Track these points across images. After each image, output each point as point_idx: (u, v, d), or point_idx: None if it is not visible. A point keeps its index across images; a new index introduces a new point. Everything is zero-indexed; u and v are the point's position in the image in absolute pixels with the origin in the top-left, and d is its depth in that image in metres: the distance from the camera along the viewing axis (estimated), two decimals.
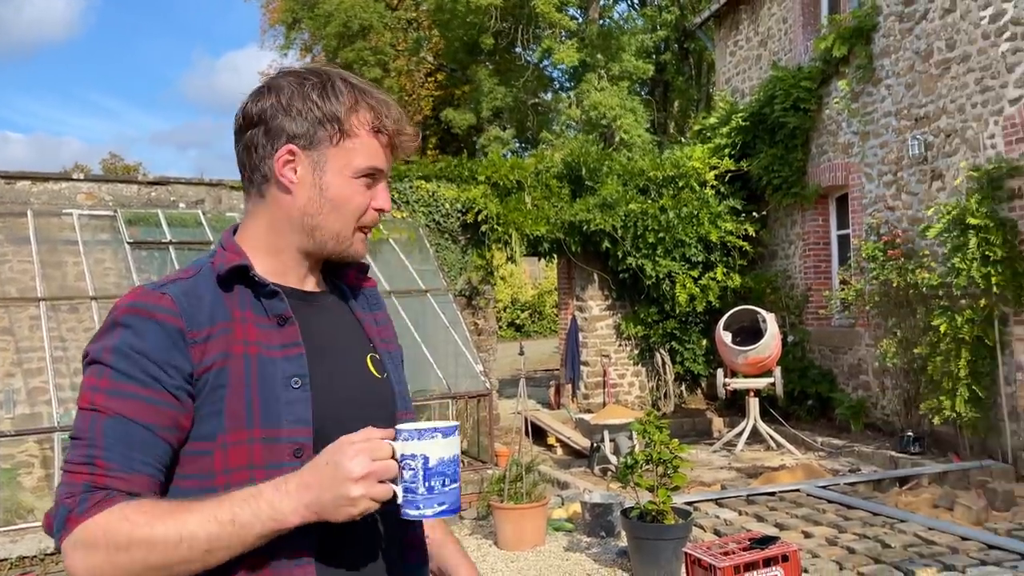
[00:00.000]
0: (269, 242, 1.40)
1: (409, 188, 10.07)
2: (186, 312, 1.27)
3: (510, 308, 25.45)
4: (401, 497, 1.23)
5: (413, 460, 1.22)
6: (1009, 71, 7.64)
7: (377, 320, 1.54)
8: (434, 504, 1.23)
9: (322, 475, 1.19)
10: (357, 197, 1.38)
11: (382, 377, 1.47)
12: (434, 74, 25.52)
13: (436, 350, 8.26)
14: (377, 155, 1.39)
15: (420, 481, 1.22)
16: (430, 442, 1.23)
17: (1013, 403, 7.65)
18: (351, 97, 1.37)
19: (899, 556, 5.30)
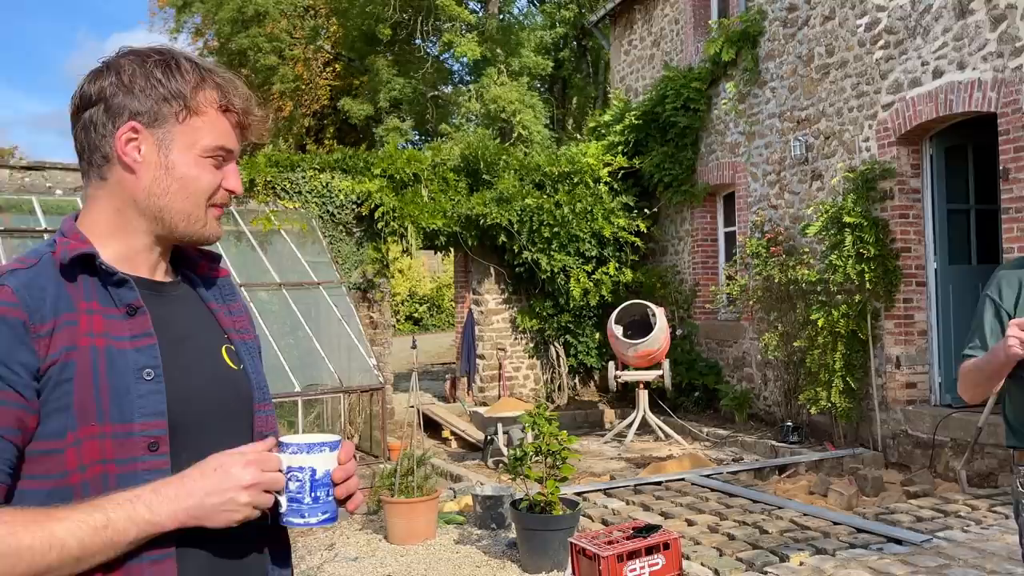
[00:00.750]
0: (115, 228, 1.35)
1: (302, 178, 9.88)
2: (27, 304, 1.21)
3: (408, 301, 25.29)
4: (285, 506, 1.28)
5: (300, 472, 1.28)
6: (883, 78, 8.04)
7: (231, 310, 1.51)
8: (318, 513, 1.29)
9: (208, 481, 1.20)
10: (206, 176, 1.35)
11: (238, 368, 1.44)
12: (332, 63, 25.09)
13: (329, 344, 8.14)
14: (226, 134, 1.36)
15: (307, 492, 1.28)
16: (318, 455, 1.29)
17: (883, 394, 8.07)
18: (196, 75, 1.34)
19: (776, 541, 5.53)
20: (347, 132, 25.19)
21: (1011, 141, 6.75)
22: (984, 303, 2.70)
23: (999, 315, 2.61)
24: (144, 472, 1.23)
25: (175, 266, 1.47)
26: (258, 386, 1.47)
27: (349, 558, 5.64)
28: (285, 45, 22.32)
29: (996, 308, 2.63)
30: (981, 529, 5.62)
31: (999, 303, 2.62)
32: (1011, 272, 2.67)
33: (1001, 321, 2.60)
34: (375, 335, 9.96)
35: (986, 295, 2.69)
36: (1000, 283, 2.65)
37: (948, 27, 7.30)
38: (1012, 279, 2.63)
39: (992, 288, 2.68)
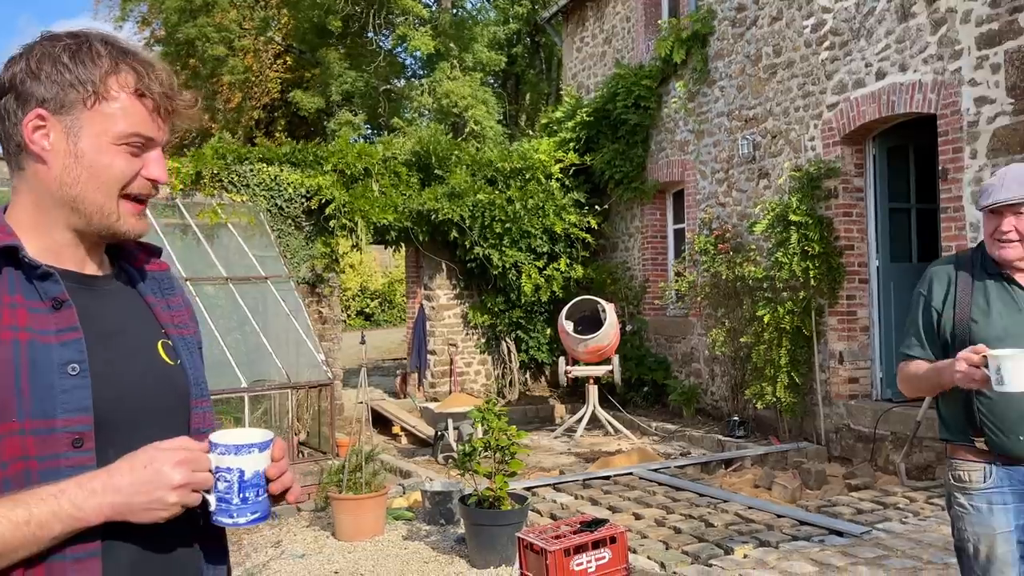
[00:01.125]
0: (36, 220, 1.32)
1: (250, 171, 9.74)
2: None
3: (359, 297, 25.12)
4: (214, 506, 1.27)
5: (229, 473, 1.26)
6: (828, 78, 8.19)
7: (171, 305, 1.48)
8: (247, 513, 1.28)
9: (138, 478, 1.18)
10: (118, 164, 1.30)
11: (174, 364, 1.41)
12: (283, 55, 24.76)
13: (276, 339, 8.05)
14: (142, 120, 1.31)
15: (235, 492, 1.27)
16: (247, 456, 1.27)
17: (826, 389, 8.23)
18: (110, 59, 1.29)
19: (721, 535, 5.61)
20: (298, 125, 24.90)
21: (950, 142, 6.92)
22: (917, 300, 2.76)
23: (929, 312, 2.69)
24: (67, 469, 1.20)
25: (114, 259, 1.44)
26: (195, 382, 1.44)
27: (296, 555, 5.58)
28: (234, 36, 21.96)
29: (927, 305, 2.70)
30: (919, 520, 5.76)
31: (929, 300, 2.70)
32: (941, 268, 2.74)
33: (931, 318, 2.68)
34: (324, 330, 9.87)
35: (919, 292, 2.76)
36: (931, 280, 2.72)
37: (891, 30, 7.46)
38: (942, 275, 2.70)
39: (924, 285, 2.75)
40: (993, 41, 6.54)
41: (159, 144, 1.35)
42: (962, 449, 2.65)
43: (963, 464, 2.64)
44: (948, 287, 2.67)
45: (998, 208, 2.56)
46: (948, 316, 2.65)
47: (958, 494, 2.66)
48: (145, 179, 1.34)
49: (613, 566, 4.42)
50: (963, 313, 2.61)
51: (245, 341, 7.93)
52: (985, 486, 2.59)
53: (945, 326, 2.66)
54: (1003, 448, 2.55)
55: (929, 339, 2.70)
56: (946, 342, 2.67)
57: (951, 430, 2.69)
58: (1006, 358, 2.29)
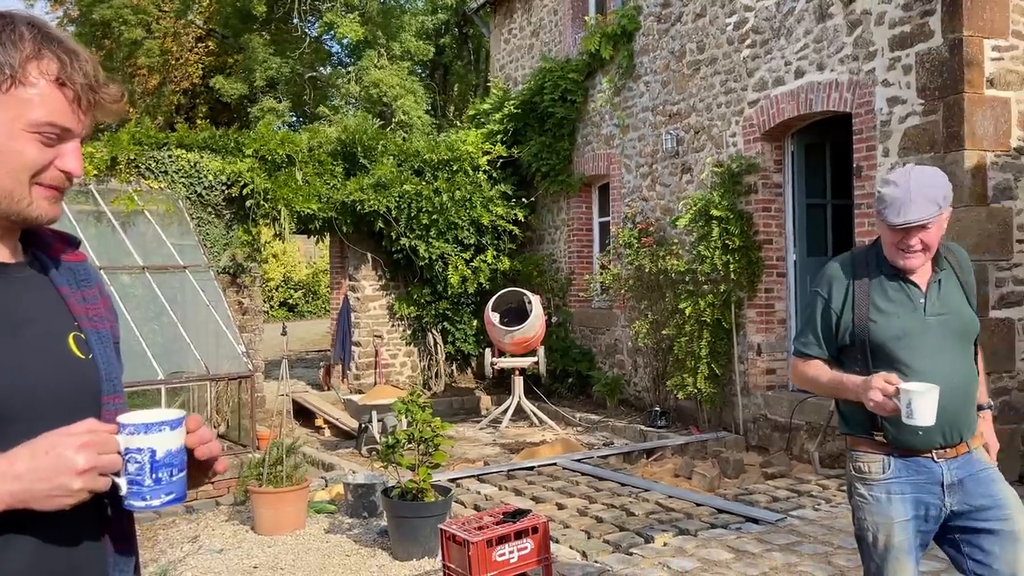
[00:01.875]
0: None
1: (168, 157, 9.47)
2: None
3: (283, 287, 24.69)
4: (125, 489, 1.22)
5: (139, 453, 1.22)
6: (749, 75, 8.36)
7: (86, 297, 1.43)
8: (161, 495, 1.24)
9: (39, 464, 1.13)
10: (30, 152, 1.25)
11: (85, 357, 1.36)
12: (204, 40, 24.12)
13: (195, 330, 7.84)
14: (60, 110, 1.26)
15: (147, 474, 1.22)
16: (157, 435, 1.23)
17: (745, 380, 8.43)
18: (33, 44, 1.24)
19: (641, 523, 5.70)
20: (220, 111, 24.31)
21: (864, 140, 7.14)
22: (814, 299, 2.80)
23: (828, 314, 2.73)
24: None
25: (29, 247, 1.38)
26: (108, 377, 1.39)
27: (214, 550, 5.47)
28: (152, 18, 21.29)
29: (825, 306, 2.74)
30: (831, 507, 5.95)
31: (828, 302, 2.73)
32: (839, 268, 2.76)
33: (830, 320, 2.72)
34: (245, 321, 9.67)
35: (816, 292, 2.79)
36: (830, 281, 2.76)
37: (809, 29, 7.65)
38: (840, 277, 2.74)
39: (822, 285, 2.78)
40: (905, 43, 6.77)
41: (77, 136, 1.30)
42: (863, 442, 2.71)
43: (863, 456, 2.70)
44: (847, 289, 2.71)
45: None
46: (847, 318, 2.69)
47: (859, 484, 2.72)
48: (59, 170, 1.29)
49: (535, 556, 4.45)
50: (862, 314, 2.65)
51: (162, 332, 7.71)
52: (884, 477, 2.66)
53: (844, 327, 2.70)
54: (901, 441, 2.62)
55: (827, 339, 2.75)
56: (845, 343, 2.71)
57: (851, 424, 2.75)
58: (916, 394, 2.37)
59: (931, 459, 2.64)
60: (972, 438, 2.70)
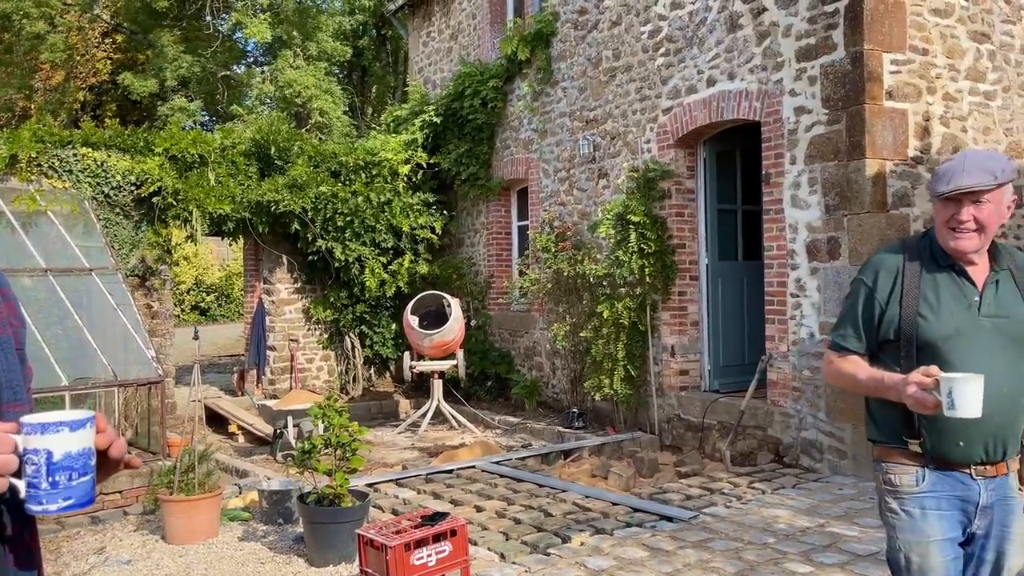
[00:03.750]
0: None
1: (73, 156, 9.13)
2: None
3: (195, 290, 24.07)
4: (24, 492, 1.18)
5: (36, 455, 1.18)
6: (663, 83, 8.54)
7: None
8: (58, 499, 1.20)
9: None
10: None
11: None
12: (112, 35, 23.32)
13: (102, 334, 7.58)
14: None
15: (43, 476, 1.19)
16: (54, 436, 1.19)
17: (659, 381, 8.60)
18: None
19: (559, 524, 5.76)
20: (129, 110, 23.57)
21: (772, 148, 7.38)
22: (858, 289, 2.52)
23: (872, 304, 2.47)
24: None
25: None
26: (8, 384, 1.36)
27: (122, 561, 5.30)
28: (56, 12, 20.48)
29: (869, 296, 2.48)
30: (741, 504, 6.12)
31: (873, 292, 2.47)
32: (889, 257, 2.50)
33: (873, 311, 2.46)
34: (155, 325, 9.40)
35: (861, 280, 2.52)
36: (877, 270, 2.49)
37: (720, 39, 7.87)
38: (890, 265, 2.47)
39: (868, 273, 2.50)
40: (811, 55, 7.02)
41: None
42: (894, 452, 2.45)
43: (894, 467, 2.45)
44: (895, 278, 2.43)
45: (956, 196, 2.32)
46: (894, 311, 2.42)
47: (889, 498, 2.46)
48: None
49: (453, 559, 4.46)
50: (910, 308, 2.39)
51: (67, 336, 7.43)
52: (918, 490, 2.40)
53: (889, 321, 2.43)
54: (938, 452, 2.37)
55: (867, 332, 2.48)
56: (888, 338, 2.45)
57: (882, 431, 2.47)
58: (958, 380, 2.13)
59: (969, 475, 2.38)
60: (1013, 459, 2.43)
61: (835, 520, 5.64)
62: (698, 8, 8.12)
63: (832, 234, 6.88)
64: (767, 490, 6.48)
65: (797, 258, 7.20)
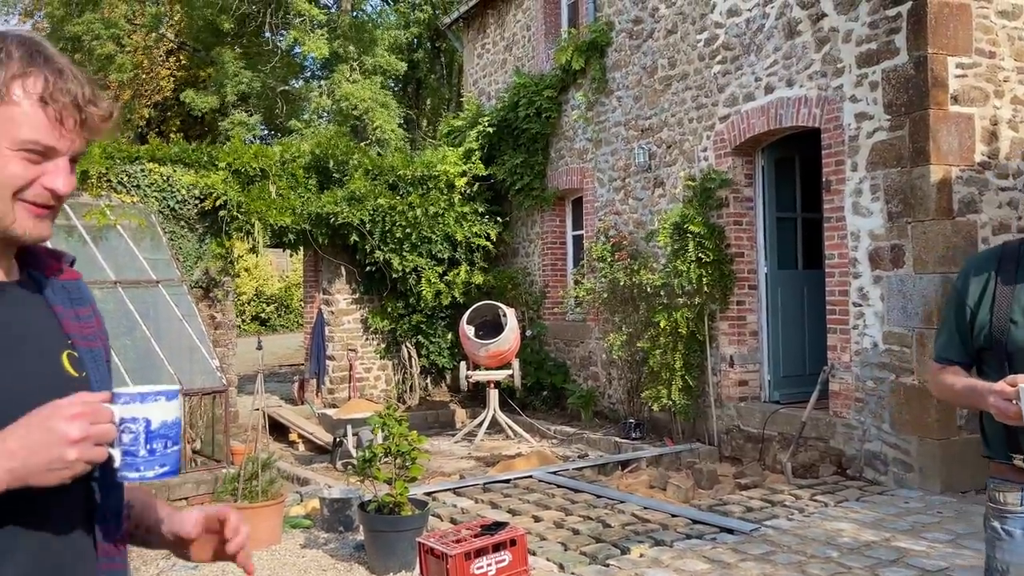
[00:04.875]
0: None
1: (141, 171, 9.42)
2: None
3: (255, 301, 24.53)
4: (119, 461, 1.23)
5: (134, 423, 1.23)
6: (720, 91, 8.48)
7: (79, 315, 1.44)
8: (155, 466, 1.24)
9: (32, 439, 1.13)
10: (11, 169, 1.26)
11: (79, 375, 1.38)
12: (176, 53, 23.99)
13: (169, 345, 7.79)
14: (42, 128, 1.26)
15: (141, 444, 1.23)
16: (153, 405, 1.24)
17: (718, 391, 8.51)
18: (22, 63, 1.25)
19: (618, 535, 5.73)
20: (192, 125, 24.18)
21: (832, 155, 7.27)
22: (951, 296, 2.43)
23: (963, 310, 2.35)
24: None
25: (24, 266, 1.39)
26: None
27: (188, 567, 5.42)
28: (124, 32, 21.13)
29: (960, 302, 2.37)
30: (804, 517, 6.02)
31: (964, 296, 2.36)
32: (981, 260, 2.39)
33: (964, 317, 2.35)
34: (218, 335, 9.62)
35: (953, 287, 2.42)
36: (968, 273, 2.38)
37: (779, 46, 7.79)
38: (981, 268, 2.35)
39: (959, 278, 2.41)
40: (872, 60, 6.91)
41: (63, 154, 1.29)
42: (1003, 468, 2.31)
43: (1000, 484, 2.32)
44: (986, 283, 2.30)
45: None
46: (983, 316, 2.29)
47: (992, 517, 2.35)
48: (44, 188, 1.29)
49: (513, 568, 4.47)
50: (1001, 313, 2.24)
51: (135, 347, 7.65)
52: (1021, 510, 2.27)
53: (980, 327, 2.29)
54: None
55: (963, 340, 2.35)
56: (983, 346, 2.31)
57: (992, 446, 2.34)
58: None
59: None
60: None
61: (901, 534, 5.51)
62: (755, 15, 8.06)
63: (895, 242, 6.75)
64: (830, 503, 6.37)
65: (859, 266, 7.07)
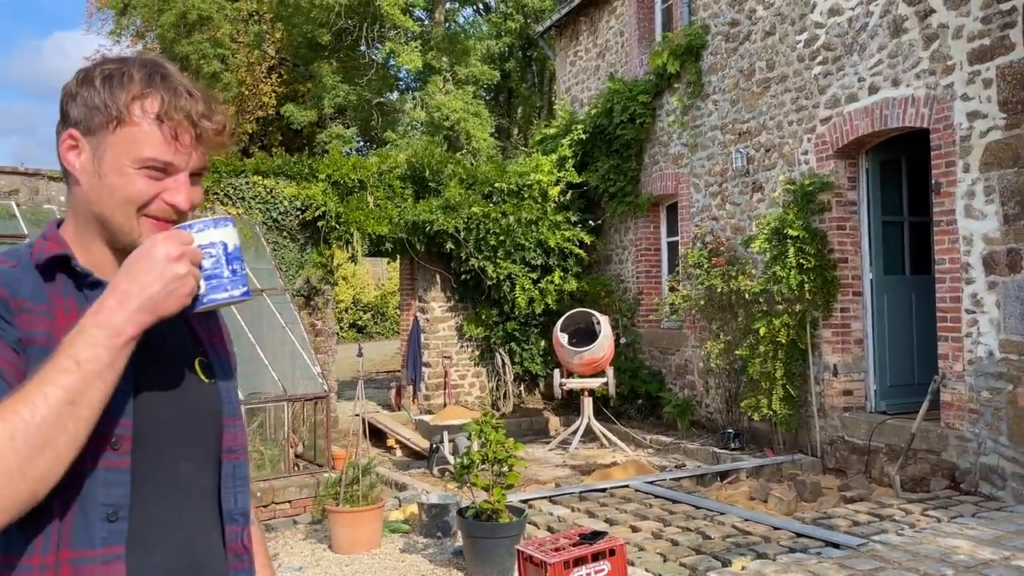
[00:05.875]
0: (78, 235, 1.36)
1: (245, 184, 9.75)
2: (7, 284, 1.25)
3: (352, 309, 25.08)
4: (204, 287, 1.27)
5: (213, 247, 1.27)
6: (821, 93, 8.25)
7: (209, 325, 1.51)
8: (239, 285, 1.29)
9: (139, 275, 1.19)
10: (135, 186, 1.31)
11: (209, 382, 1.44)
12: (276, 69, 24.80)
13: (272, 351, 8.03)
14: (160, 145, 1.31)
15: (224, 265, 1.27)
16: (225, 229, 1.29)
17: (821, 401, 8.26)
18: (141, 84, 1.31)
19: (718, 547, 5.61)
20: (291, 138, 24.92)
21: (942, 156, 6.98)
22: None
23: None
24: (104, 470, 1.23)
25: None
26: (228, 401, 1.46)
27: (293, 568, 5.57)
28: (229, 51, 21.97)
29: None
30: (915, 532, 5.78)
31: None
32: None
33: None
34: (319, 343, 9.86)
35: None
36: None
37: (883, 45, 7.53)
38: None
39: None
40: (985, 56, 6.61)
41: (182, 169, 1.34)
42: None
43: None
44: None
45: None
46: None
47: None
48: (165, 203, 1.34)
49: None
50: None
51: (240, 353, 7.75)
52: None
53: None
54: None
55: None
56: None
57: None
58: None
59: None
60: None
61: (1022, 553, 5.23)
62: (858, 14, 7.82)
63: (1012, 246, 6.43)
64: (943, 518, 6.09)
65: (972, 271, 6.76)
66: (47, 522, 1.20)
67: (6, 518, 1.09)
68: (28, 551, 1.20)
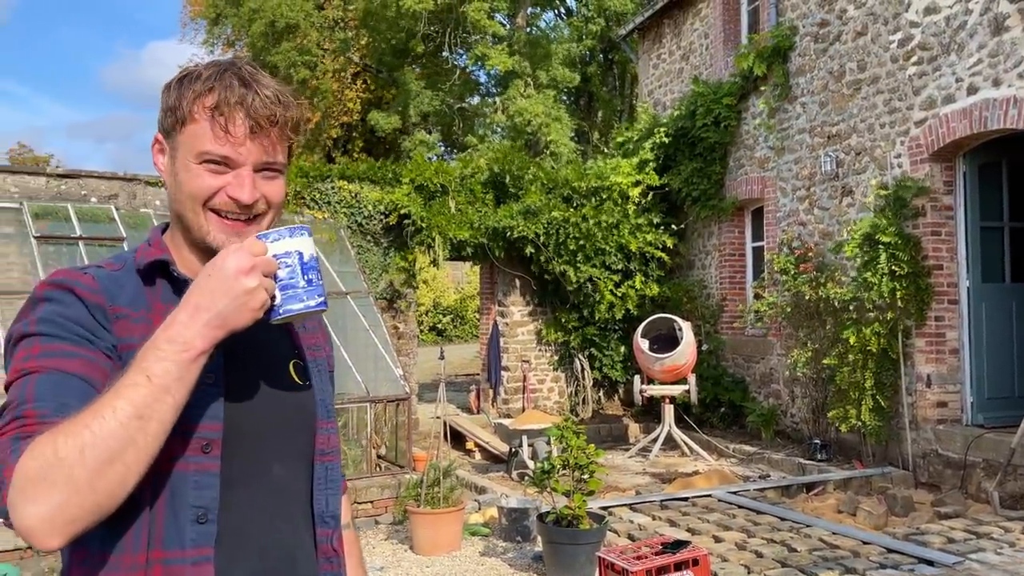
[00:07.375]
0: (174, 239, 1.41)
1: (331, 188, 9.95)
2: (107, 290, 1.28)
3: (432, 312, 25.35)
4: (280, 297, 1.25)
5: (288, 257, 1.25)
6: (915, 94, 7.98)
7: (306, 327, 1.53)
8: (315, 295, 1.26)
9: (209, 289, 1.18)
10: (196, 181, 1.33)
11: (304, 384, 1.45)
12: (361, 75, 25.25)
13: (356, 353, 8.16)
14: (215, 140, 1.32)
15: (299, 275, 1.25)
16: (300, 239, 1.26)
17: (913, 413, 7.97)
18: (204, 83, 1.33)
19: (805, 560, 5.47)
20: (374, 144, 25.33)
21: None
22: None
23: None
24: (194, 472, 1.25)
25: None
26: (322, 403, 1.47)
27: (375, 568, 5.64)
28: (316, 58, 22.47)
29: None
30: (1015, 552, 5.53)
31: None
32: None
33: None
34: (400, 345, 9.98)
35: None
36: None
37: (983, 44, 7.24)
38: None
39: None
40: None
41: (242, 163, 1.34)
42: None
43: None
44: None
45: None
46: None
47: None
48: (228, 197, 1.34)
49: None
50: None
51: None
52: None
53: None
54: None
55: None
56: None
57: None
58: None
59: None
60: None
61: None
62: (956, 12, 7.53)
63: None
64: None
65: None
66: (138, 522, 1.22)
67: (76, 529, 1.09)
68: (118, 549, 1.22)
